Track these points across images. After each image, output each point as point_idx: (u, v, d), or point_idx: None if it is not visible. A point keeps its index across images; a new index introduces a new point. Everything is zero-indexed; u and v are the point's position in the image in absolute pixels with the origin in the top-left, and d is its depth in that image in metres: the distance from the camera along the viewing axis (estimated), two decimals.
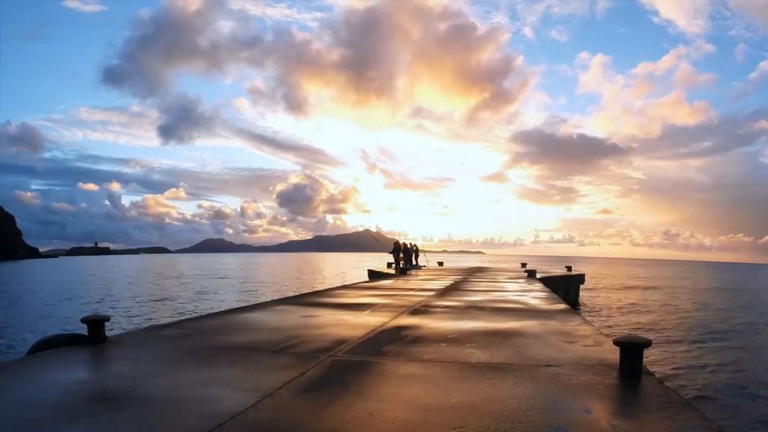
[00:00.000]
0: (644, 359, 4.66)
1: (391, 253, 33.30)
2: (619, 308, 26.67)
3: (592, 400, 3.86)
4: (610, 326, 19.77)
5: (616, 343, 4.66)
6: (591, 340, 6.50)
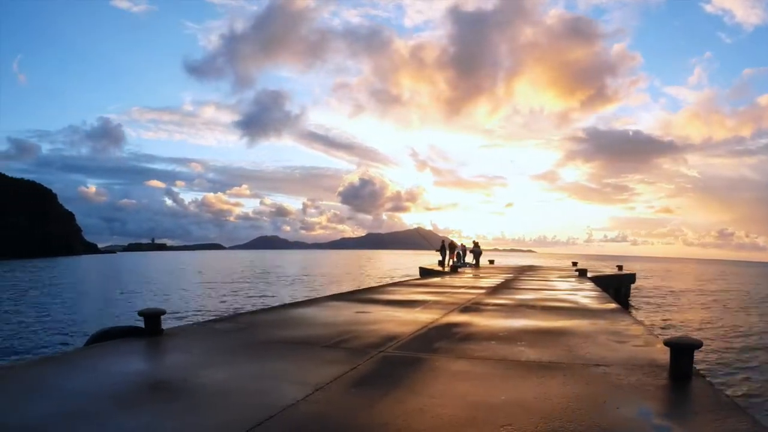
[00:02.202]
0: (694, 360, 4.63)
1: (438, 251, 33.46)
2: (670, 308, 25.97)
3: (642, 401, 3.85)
4: (660, 326, 19.32)
5: (666, 343, 4.63)
6: (641, 340, 6.43)
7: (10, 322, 19.70)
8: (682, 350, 4.50)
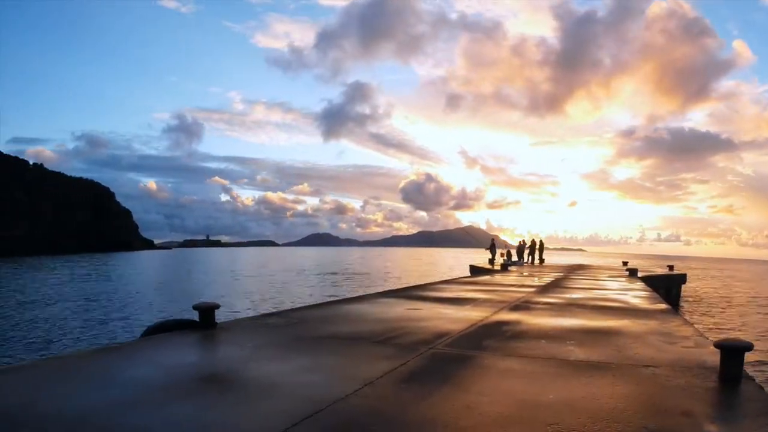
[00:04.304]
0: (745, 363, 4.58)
1: (488, 249, 33.46)
2: (721, 309, 25.15)
3: (690, 403, 3.83)
4: (709, 327, 18.79)
5: (716, 345, 4.59)
6: (691, 342, 6.35)
7: (70, 313, 20.67)
8: (733, 352, 4.46)
